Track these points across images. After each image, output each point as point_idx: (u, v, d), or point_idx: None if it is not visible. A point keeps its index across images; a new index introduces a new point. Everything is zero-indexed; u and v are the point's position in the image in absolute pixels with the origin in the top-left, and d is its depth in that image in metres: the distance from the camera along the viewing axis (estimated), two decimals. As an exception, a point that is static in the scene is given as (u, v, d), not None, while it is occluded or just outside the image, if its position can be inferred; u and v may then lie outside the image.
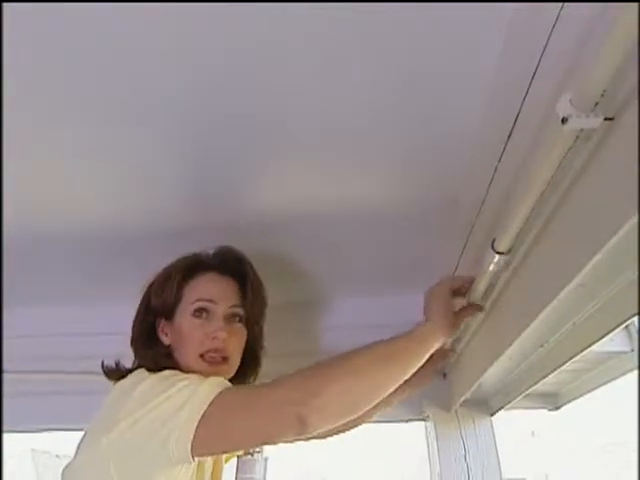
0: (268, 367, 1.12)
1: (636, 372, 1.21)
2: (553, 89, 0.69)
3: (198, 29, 0.71)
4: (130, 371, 0.99)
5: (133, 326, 1.07)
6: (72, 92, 0.82)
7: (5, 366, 1.44)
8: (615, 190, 0.59)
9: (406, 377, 0.91)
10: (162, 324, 1.05)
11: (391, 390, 0.89)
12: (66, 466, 0.90)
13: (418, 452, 1.57)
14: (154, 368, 0.94)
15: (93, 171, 1.02)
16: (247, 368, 1.10)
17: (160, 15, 0.69)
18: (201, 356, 0.99)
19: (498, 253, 0.84)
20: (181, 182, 1.07)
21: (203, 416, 0.81)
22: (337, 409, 0.85)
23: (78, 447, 0.92)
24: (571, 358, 0.96)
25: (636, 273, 0.71)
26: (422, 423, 1.56)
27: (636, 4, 0.46)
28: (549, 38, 0.67)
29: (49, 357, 1.49)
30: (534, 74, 0.71)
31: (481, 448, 1.44)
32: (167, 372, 0.92)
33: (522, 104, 0.75)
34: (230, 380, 1.02)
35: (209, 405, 0.82)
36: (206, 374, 0.96)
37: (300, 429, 0.81)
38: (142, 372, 0.95)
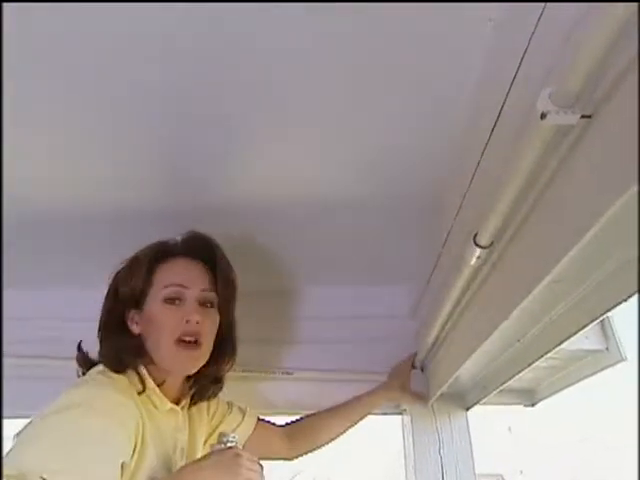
0: (242, 352, 1.14)
1: (610, 370, 1.24)
2: (536, 86, 0.70)
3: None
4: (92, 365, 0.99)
5: (101, 316, 1.05)
6: (62, 74, 0.83)
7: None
8: (589, 187, 0.61)
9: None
10: (131, 313, 1.03)
11: None
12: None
13: (395, 445, 1.59)
14: (113, 364, 0.95)
15: (84, 152, 1.02)
16: (223, 354, 1.10)
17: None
18: (176, 342, 0.98)
19: (479, 247, 0.85)
20: (164, 165, 1.08)
21: None
22: None
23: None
24: (547, 352, 0.98)
25: (610, 269, 0.73)
26: (399, 416, 1.58)
27: (617, 4, 0.47)
28: (533, 34, 0.68)
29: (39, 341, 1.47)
30: (517, 71, 0.73)
31: (455, 442, 1.46)
32: (80, 397, 0.87)
33: (505, 99, 0.77)
34: (206, 365, 1.04)
35: None
36: (181, 359, 0.99)
37: None
38: (80, 385, 0.93)
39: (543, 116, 0.59)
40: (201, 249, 1.09)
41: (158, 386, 0.99)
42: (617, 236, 0.65)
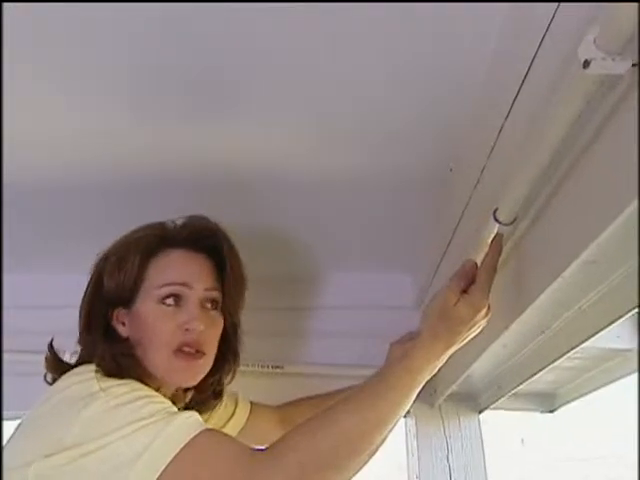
0: (248, 347, 1.12)
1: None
2: (576, 31, 0.66)
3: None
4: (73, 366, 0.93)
5: (81, 314, 0.99)
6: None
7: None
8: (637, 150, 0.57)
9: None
10: (117, 312, 0.97)
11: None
12: None
13: (397, 451, 1.57)
14: (110, 369, 0.87)
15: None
16: (225, 363, 1.06)
17: None
18: (174, 352, 0.93)
19: (500, 223, 0.82)
20: (170, 138, 1.06)
21: (165, 470, 0.74)
22: None
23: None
24: (574, 348, 0.95)
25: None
26: (402, 419, 1.56)
27: None
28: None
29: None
30: (554, 14, 0.69)
31: (466, 448, 1.45)
32: (123, 389, 0.83)
33: (538, 48, 0.72)
34: (206, 377, 1.00)
35: (173, 458, 0.74)
36: (179, 371, 0.94)
37: None
38: (90, 379, 0.85)
39: (586, 64, 0.55)
40: (206, 238, 1.02)
41: None
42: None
